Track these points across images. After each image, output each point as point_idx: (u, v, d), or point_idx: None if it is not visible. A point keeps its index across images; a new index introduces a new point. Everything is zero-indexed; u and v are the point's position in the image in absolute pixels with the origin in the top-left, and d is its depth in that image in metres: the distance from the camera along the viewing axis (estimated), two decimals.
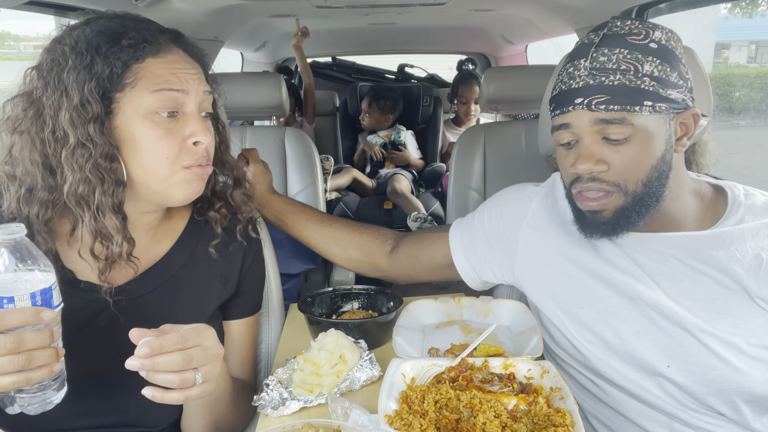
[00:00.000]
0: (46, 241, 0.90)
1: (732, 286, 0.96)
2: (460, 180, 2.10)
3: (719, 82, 5.84)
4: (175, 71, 0.91)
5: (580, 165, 0.96)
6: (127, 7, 1.79)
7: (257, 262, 1.15)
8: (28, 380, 0.70)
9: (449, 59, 4.71)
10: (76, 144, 0.85)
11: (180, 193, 0.94)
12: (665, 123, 0.95)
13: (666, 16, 2.07)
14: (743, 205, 1.01)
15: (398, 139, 3.75)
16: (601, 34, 0.96)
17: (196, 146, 0.93)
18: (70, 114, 0.84)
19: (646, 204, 0.97)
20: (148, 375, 0.76)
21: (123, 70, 0.87)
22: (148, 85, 0.88)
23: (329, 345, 1.05)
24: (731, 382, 0.94)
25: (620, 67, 0.93)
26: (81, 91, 0.84)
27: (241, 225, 1.10)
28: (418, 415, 0.85)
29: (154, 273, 1.02)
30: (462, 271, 1.28)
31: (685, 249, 1.00)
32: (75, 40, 0.87)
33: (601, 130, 0.95)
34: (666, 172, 0.97)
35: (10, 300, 0.68)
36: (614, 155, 0.95)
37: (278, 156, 2.19)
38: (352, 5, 2.36)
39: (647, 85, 0.92)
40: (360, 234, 1.37)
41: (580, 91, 0.95)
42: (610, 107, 0.93)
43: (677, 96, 0.94)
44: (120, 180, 0.89)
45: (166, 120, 0.90)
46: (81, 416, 0.94)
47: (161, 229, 1.05)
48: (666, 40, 0.95)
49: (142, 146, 0.89)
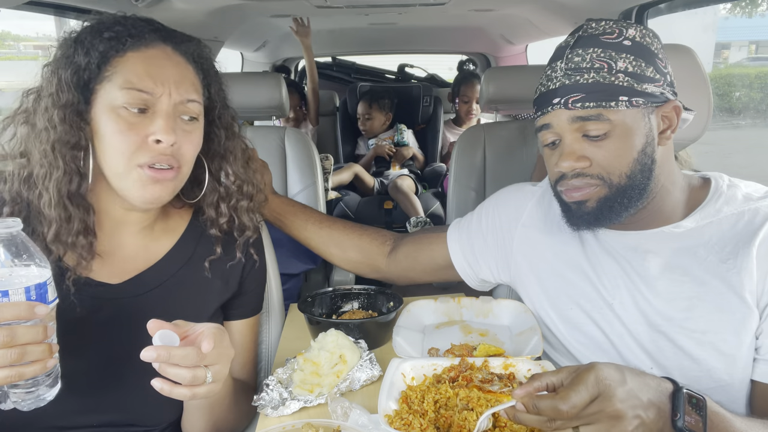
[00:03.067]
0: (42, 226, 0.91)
1: (710, 281, 0.96)
2: (460, 180, 2.11)
3: (719, 82, 5.83)
4: (151, 70, 0.90)
5: (562, 163, 0.98)
6: (127, 8, 1.79)
7: (258, 262, 1.15)
8: (20, 375, 0.70)
9: (449, 59, 4.71)
10: (42, 128, 0.88)
11: (136, 193, 0.91)
12: (644, 117, 0.96)
13: (666, 16, 2.07)
14: (724, 195, 1.02)
15: (401, 140, 3.74)
16: (576, 36, 0.99)
17: (157, 144, 0.90)
18: (46, 102, 0.88)
19: (630, 196, 0.98)
20: (160, 368, 0.76)
21: (102, 62, 0.89)
22: (120, 81, 0.89)
23: (329, 345, 1.05)
24: (708, 382, 0.94)
25: (594, 65, 0.95)
26: (59, 80, 0.88)
27: (240, 241, 1.10)
28: (417, 414, 0.85)
29: (155, 271, 1.02)
30: (460, 269, 1.28)
31: (666, 245, 1.01)
32: (69, 34, 0.90)
33: (580, 128, 0.97)
34: (649, 166, 0.97)
35: (4, 294, 0.68)
36: (595, 151, 0.97)
37: (278, 156, 2.19)
38: (352, 5, 2.36)
39: (621, 81, 0.94)
40: (359, 235, 1.37)
41: (557, 91, 0.98)
42: (586, 104, 0.95)
43: (654, 90, 0.96)
44: (78, 169, 0.90)
45: (132, 115, 0.89)
46: (80, 414, 0.94)
47: (160, 228, 1.05)
48: (641, 37, 0.96)
49: (104, 138, 0.90)
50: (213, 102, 1.04)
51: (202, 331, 0.79)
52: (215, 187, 1.07)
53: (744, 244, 0.95)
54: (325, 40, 3.79)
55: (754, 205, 0.98)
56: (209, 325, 0.81)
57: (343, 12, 2.68)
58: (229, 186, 1.07)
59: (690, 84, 1.17)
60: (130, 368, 0.75)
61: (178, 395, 0.77)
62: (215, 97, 1.04)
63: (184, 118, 0.94)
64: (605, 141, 0.96)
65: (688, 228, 1.01)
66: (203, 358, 0.77)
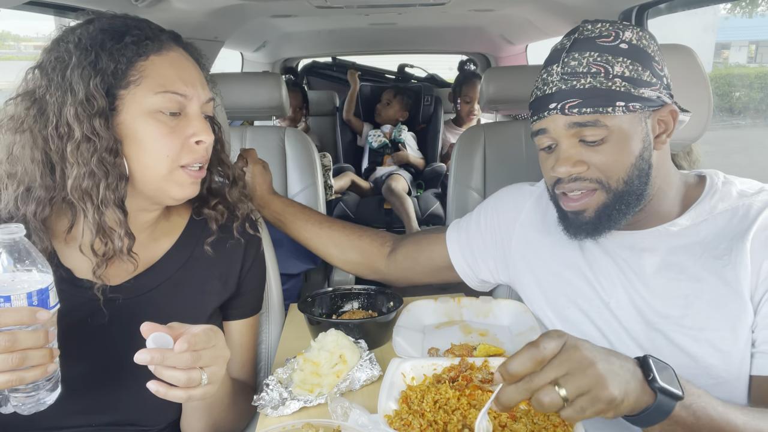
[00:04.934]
0: (42, 240, 0.90)
1: (706, 277, 0.96)
2: (460, 180, 2.10)
3: (719, 82, 5.83)
4: (180, 73, 0.93)
5: (559, 168, 0.98)
6: (127, 8, 1.79)
7: (257, 262, 1.15)
8: (20, 380, 0.70)
9: (449, 59, 4.71)
10: (82, 138, 0.86)
11: (176, 191, 0.96)
12: (641, 122, 0.96)
13: (666, 16, 2.07)
14: (719, 192, 1.02)
15: (398, 138, 3.77)
16: (572, 38, 0.98)
17: (198, 145, 0.95)
18: (75, 109, 0.85)
19: (627, 202, 0.97)
20: (156, 369, 0.76)
21: (127, 67, 0.89)
22: (153, 86, 0.90)
23: (329, 345, 1.05)
24: (707, 379, 0.94)
25: (591, 70, 0.94)
26: (86, 87, 0.86)
27: (238, 222, 1.10)
28: (417, 415, 0.85)
29: (153, 272, 1.02)
30: (460, 270, 1.28)
31: (662, 244, 1.01)
32: (78, 38, 0.88)
33: (577, 133, 0.96)
34: (646, 170, 0.97)
35: (6, 299, 0.69)
36: (592, 156, 0.96)
37: (278, 156, 2.19)
38: (352, 5, 2.36)
39: (618, 86, 0.93)
40: (359, 236, 1.37)
41: (553, 96, 0.97)
42: (582, 110, 0.94)
43: (651, 94, 0.95)
44: (123, 174, 0.90)
45: (169, 119, 0.91)
46: (79, 414, 0.94)
47: (160, 228, 1.05)
48: (637, 39, 0.96)
49: (145, 143, 0.90)
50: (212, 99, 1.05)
51: (197, 332, 0.79)
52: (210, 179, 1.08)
53: (738, 239, 0.95)
54: (325, 40, 3.79)
55: (747, 201, 0.98)
56: (204, 327, 0.80)
57: (343, 12, 2.68)
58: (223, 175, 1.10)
59: (690, 84, 1.17)
60: (129, 369, 0.75)
61: (173, 397, 0.77)
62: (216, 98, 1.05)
63: (203, 116, 0.97)
64: (602, 146, 0.95)
65: (684, 226, 1.01)
66: (198, 359, 0.77)
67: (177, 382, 0.76)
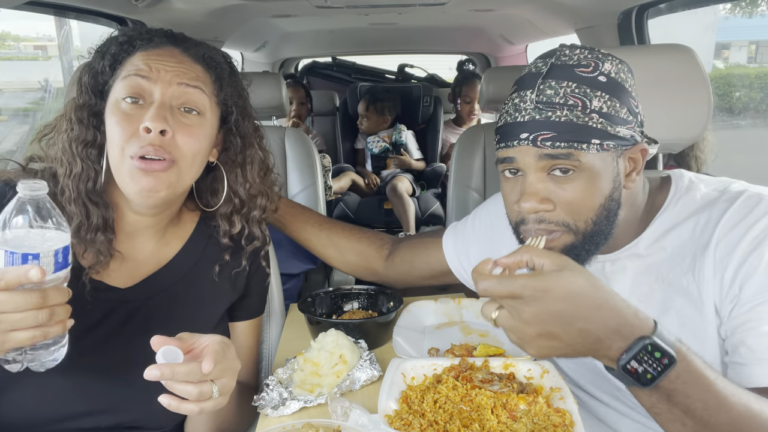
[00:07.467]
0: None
1: (672, 297, 0.94)
2: (460, 180, 2.10)
3: (719, 82, 5.83)
4: (150, 62, 0.92)
5: (524, 203, 0.91)
6: (127, 7, 1.79)
7: (263, 263, 1.15)
8: (45, 335, 0.71)
9: (449, 59, 4.71)
10: (63, 129, 0.94)
11: (129, 186, 0.90)
12: (613, 161, 0.90)
13: (666, 16, 2.07)
14: (683, 198, 0.98)
15: (399, 140, 3.74)
16: (549, 63, 0.91)
17: (147, 134, 0.88)
18: (68, 105, 0.95)
19: (596, 242, 0.93)
20: (167, 383, 0.76)
21: (114, 64, 0.94)
22: (122, 74, 0.93)
23: (329, 345, 1.05)
24: None
25: (567, 102, 0.87)
26: (80, 84, 0.95)
27: (248, 249, 1.09)
28: (417, 415, 0.85)
29: (164, 274, 1.02)
30: (458, 274, 1.29)
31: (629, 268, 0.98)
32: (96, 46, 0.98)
33: (546, 166, 0.90)
34: (615, 210, 0.92)
35: (35, 257, 0.70)
36: (561, 193, 0.90)
37: (278, 156, 2.19)
38: (352, 5, 2.36)
39: (595, 122, 0.87)
40: (358, 238, 1.37)
41: (525, 125, 0.90)
42: (556, 144, 0.87)
43: (626, 133, 0.89)
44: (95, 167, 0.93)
45: (129, 107, 0.91)
46: (87, 415, 0.94)
47: (170, 232, 1.06)
48: (616, 72, 0.90)
49: (107, 132, 0.92)
50: (229, 108, 1.02)
51: (207, 344, 0.79)
52: (231, 197, 1.05)
53: (701, 252, 0.92)
54: (325, 40, 3.79)
55: (708, 210, 0.94)
56: (214, 337, 0.80)
57: (343, 12, 2.68)
58: (243, 197, 1.06)
59: (690, 84, 1.17)
60: (137, 371, 0.75)
61: (185, 411, 0.77)
62: (230, 102, 1.02)
63: (184, 110, 0.93)
64: (571, 183, 0.89)
65: (649, 242, 0.97)
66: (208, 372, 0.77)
67: (188, 396, 0.76)
